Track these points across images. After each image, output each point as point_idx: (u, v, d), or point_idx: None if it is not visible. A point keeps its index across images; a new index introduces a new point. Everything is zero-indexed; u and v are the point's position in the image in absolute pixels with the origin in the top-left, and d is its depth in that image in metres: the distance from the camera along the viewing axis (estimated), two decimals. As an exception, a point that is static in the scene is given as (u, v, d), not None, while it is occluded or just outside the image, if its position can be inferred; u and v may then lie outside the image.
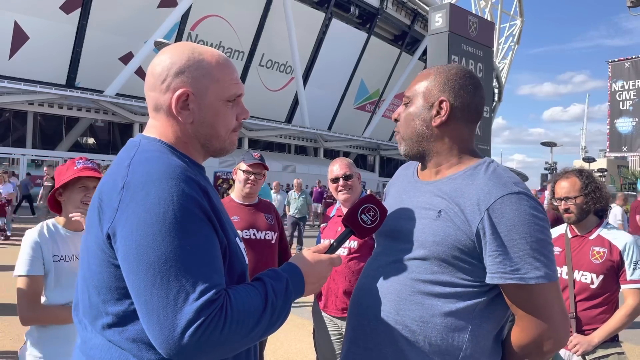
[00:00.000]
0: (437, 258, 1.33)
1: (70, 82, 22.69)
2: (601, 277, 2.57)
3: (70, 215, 2.20)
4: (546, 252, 1.28)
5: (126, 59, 22.86)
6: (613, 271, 2.57)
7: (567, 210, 2.66)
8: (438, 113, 1.44)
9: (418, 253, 1.37)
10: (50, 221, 2.27)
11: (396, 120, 1.54)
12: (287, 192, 12.59)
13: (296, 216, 11.95)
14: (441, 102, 1.43)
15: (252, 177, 3.32)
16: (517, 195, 1.29)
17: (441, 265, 1.33)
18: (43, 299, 2.17)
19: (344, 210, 3.18)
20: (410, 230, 1.41)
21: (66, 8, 21.59)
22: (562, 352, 2.62)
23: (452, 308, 1.32)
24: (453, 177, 1.42)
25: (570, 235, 2.75)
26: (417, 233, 1.39)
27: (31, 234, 2.17)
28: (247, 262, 1.28)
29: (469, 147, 1.49)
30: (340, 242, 1.37)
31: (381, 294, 1.40)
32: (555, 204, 2.73)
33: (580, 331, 2.58)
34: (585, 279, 2.61)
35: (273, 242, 3.35)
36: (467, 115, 1.46)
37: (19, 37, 20.93)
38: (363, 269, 1.57)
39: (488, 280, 1.30)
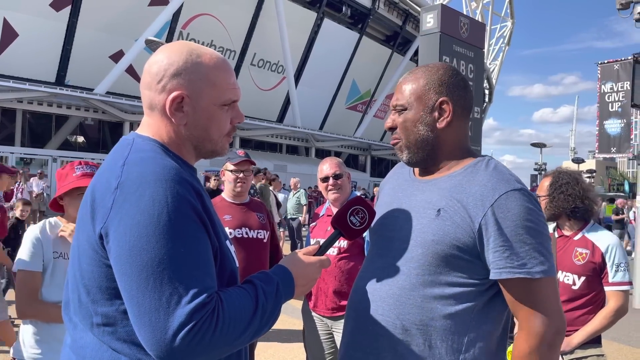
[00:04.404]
0: (435, 257, 1.34)
1: (60, 80, 22.44)
2: (583, 278, 2.59)
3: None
4: (548, 247, 1.31)
5: (117, 57, 22.64)
6: (595, 273, 2.58)
7: None
8: (441, 115, 1.44)
9: (416, 252, 1.37)
10: (53, 219, 2.31)
11: (391, 128, 1.50)
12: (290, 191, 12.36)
13: (287, 217, 11.92)
14: (442, 103, 1.43)
15: (240, 175, 3.33)
16: (520, 191, 1.32)
17: (439, 265, 1.34)
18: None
19: (334, 209, 3.19)
20: (408, 230, 1.41)
21: (56, 5, 21.36)
22: None
23: (450, 310, 1.33)
24: (453, 175, 1.42)
25: (557, 235, 2.78)
26: (415, 232, 1.39)
27: (33, 230, 2.23)
28: (237, 264, 1.28)
29: (467, 145, 1.51)
30: (329, 243, 1.38)
31: (380, 298, 1.40)
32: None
33: None
34: (568, 280, 2.63)
35: (265, 240, 3.36)
36: (464, 112, 1.47)
37: (8, 34, 20.68)
38: (360, 270, 1.57)
39: (494, 276, 1.31)
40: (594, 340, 2.60)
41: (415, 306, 1.34)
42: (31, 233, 2.22)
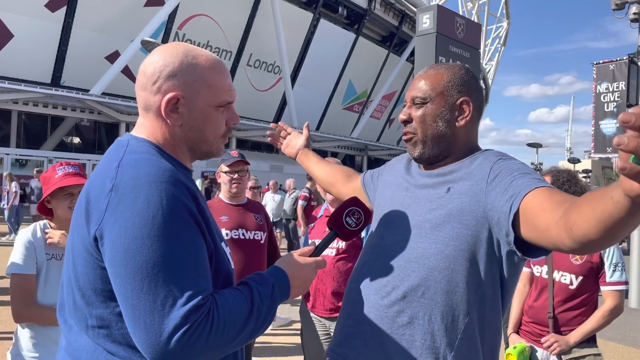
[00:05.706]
0: (443, 231, 1.36)
1: (56, 81, 22.35)
2: (580, 278, 2.59)
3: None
4: None
5: (112, 57, 22.57)
6: (593, 272, 2.59)
7: None
8: (460, 114, 1.46)
9: (424, 227, 1.40)
10: (42, 222, 2.33)
11: (405, 122, 1.50)
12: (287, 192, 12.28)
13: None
14: (463, 102, 1.46)
15: (235, 176, 3.32)
16: None
17: (446, 237, 1.35)
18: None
19: (332, 209, 3.19)
20: (416, 206, 1.44)
21: (52, 6, 21.29)
22: (539, 353, 2.65)
23: (453, 286, 1.34)
24: (461, 161, 1.47)
25: None
26: (424, 208, 1.42)
27: (25, 234, 2.24)
28: (232, 266, 1.27)
29: (477, 144, 1.55)
30: (325, 244, 1.38)
31: (386, 271, 1.42)
32: None
33: (557, 332, 2.59)
34: (565, 279, 2.63)
35: (262, 242, 3.35)
36: (479, 114, 1.51)
37: (3, 35, 20.61)
38: (365, 245, 1.59)
39: (516, 200, 1.23)
40: (590, 340, 2.60)
41: (419, 278, 1.36)
42: (23, 237, 2.23)
